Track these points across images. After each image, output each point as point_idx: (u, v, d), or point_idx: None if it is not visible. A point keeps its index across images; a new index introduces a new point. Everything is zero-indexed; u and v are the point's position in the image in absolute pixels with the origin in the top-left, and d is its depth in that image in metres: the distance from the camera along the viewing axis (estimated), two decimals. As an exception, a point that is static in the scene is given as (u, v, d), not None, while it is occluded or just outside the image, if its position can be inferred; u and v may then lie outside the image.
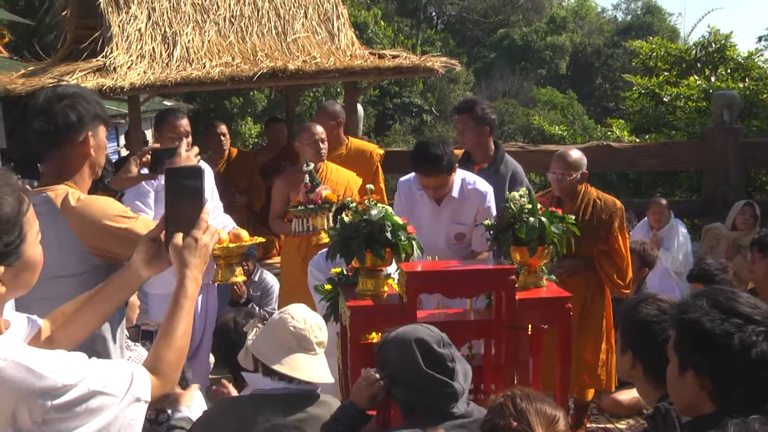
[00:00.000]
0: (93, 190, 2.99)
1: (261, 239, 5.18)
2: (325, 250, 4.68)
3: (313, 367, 2.96)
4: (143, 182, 4.40)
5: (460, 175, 4.68)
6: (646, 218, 7.15)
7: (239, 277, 4.95)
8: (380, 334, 3.62)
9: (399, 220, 3.54)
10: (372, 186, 3.85)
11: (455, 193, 4.64)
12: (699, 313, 1.96)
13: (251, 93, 16.95)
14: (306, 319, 2.99)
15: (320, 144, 5.52)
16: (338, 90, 15.79)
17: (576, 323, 4.86)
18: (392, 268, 3.83)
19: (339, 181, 5.61)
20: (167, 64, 6.65)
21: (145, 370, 1.82)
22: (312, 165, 5.21)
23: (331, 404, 2.99)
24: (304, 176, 5.21)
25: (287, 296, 5.60)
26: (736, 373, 1.92)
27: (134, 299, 4.24)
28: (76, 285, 2.65)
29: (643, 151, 8.18)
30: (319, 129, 5.56)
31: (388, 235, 3.45)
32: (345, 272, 3.78)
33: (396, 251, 3.50)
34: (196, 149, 3.41)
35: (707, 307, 1.97)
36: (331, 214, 5.04)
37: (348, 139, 6.50)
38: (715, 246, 7.12)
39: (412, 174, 4.76)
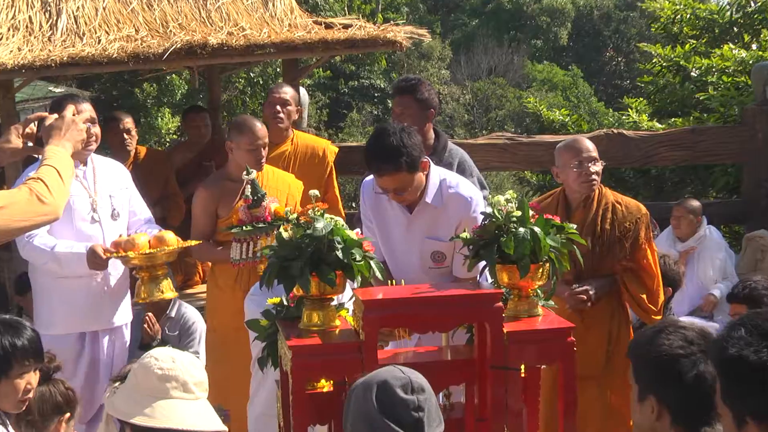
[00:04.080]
0: None
1: (193, 242, 5.18)
2: None
3: (192, 414, 2.94)
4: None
5: (438, 175, 4.66)
6: (670, 226, 7.20)
7: (168, 293, 4.99)
8: (331, 382, 3.61)
9: (353, 234, 3.53)
10: (317, 191, 3.82)
11: (430, 197, 4.59)
12: (739, 345, 1.97)
13: (168, 77, 16.86)
14: (175, 358, 3.01)
15: (262, 150, 5.55)
16: (277, 70, 15.77)
17: (602, 362, 4.90)
18: (346, 296, 3.82)
19: (279, 187, 5.60)
20: (49, 39, 6.57)
21: None
22: (254, 172, 5.19)
23: None
24: (242, 186, 5.18)
25: (219, 342, 5.54)
26: None
27: None
28: None
29: (667, 140, 8.25)
30: (262, 131, 5.57)
31: (339, 253, 3.43)
32: (285, 303, 3.76)
33: (349, 274, 3.48)
34: (86, 113, 3.46)
35: (747, 335, 1.98)
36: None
37: (294, 133, 6.50)
38: (760, 259, 7.20)
39: None
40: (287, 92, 6.37)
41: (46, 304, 5.06)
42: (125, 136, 7.00)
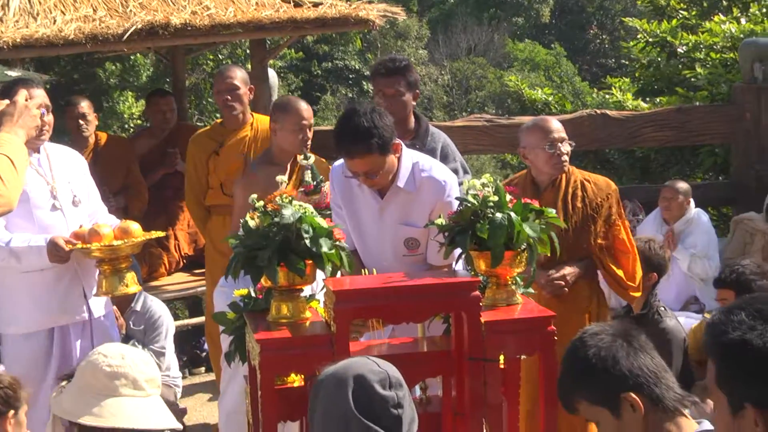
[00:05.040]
0: None
1: (159, 233, 5.12)
2: None
3: (143, 412, 2.94)
4: None
5: (410, 158, 4.64)
6: (657, 209, 7.22)
7: (132, 287, 4.91)
8: (301, 376, 3.61)
9: (322, 222, 3.52)
10: (284, 177, 3.83)
11: (402, 182, 4.58)
12: (741, 329, 1.98)
13: (131, 57, 16.75)
14: (124, 354, 3.02)
15: (308, 131, 5.62)
16: (247, 51, 15.71)
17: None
18: (316, 287, 3.81)
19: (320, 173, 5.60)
20: (1, 19, 6.55)
21: None
22: (312, 157, 5.19)
23: None
24: (289, 171, 5.16)
25: None
26: None
27: None
28: None
29: (651, 120, 8.25)
30: (308, 111, 5.64)
31: (308, 242, 3.43)
32: (253, 294, 3.75)
33: (319, 264, 3.47)
34: (38, 99, 3.47)
35: (749, 319, 1.99)
36: None
37: (253, 116, 6.50)
38: (748, 243, 7.22)
39: None
40: (233, 76, 6.34)
41: (6, 300, 4.94)
42: (80, 121, 6.97)
